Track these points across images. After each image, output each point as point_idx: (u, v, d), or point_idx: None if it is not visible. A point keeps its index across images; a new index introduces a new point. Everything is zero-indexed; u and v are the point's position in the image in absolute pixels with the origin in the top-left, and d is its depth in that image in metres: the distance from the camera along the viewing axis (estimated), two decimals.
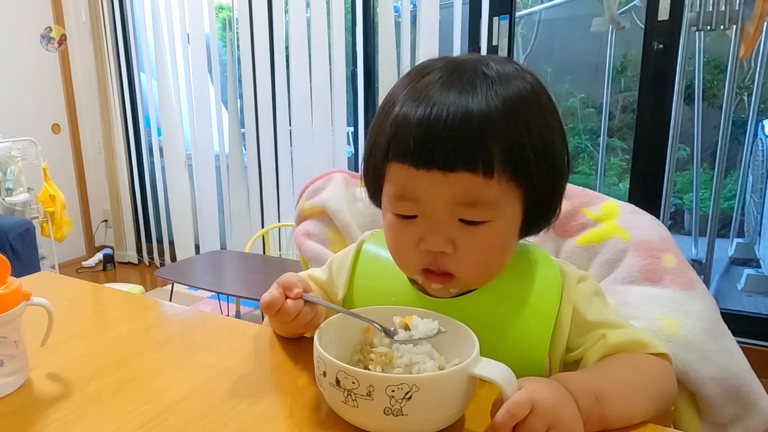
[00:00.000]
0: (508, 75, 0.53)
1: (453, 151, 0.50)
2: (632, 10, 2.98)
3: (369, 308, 0.59)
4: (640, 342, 0.56)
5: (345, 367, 0.47)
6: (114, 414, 0.53)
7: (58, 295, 0.85)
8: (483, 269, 0.57)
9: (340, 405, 0.49)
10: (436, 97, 0.51)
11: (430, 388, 0.46)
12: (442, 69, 0.54)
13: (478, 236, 0.53)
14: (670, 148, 2.00)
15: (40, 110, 3.37)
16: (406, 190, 0.54)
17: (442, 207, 0.53)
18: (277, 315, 0.58)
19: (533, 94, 0.54)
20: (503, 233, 0.55)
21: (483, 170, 0.50)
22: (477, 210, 0.52)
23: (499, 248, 0.56)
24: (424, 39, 2.30)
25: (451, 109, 0.50)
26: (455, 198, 0.52)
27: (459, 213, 0.53)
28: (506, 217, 0.54)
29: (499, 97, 0.51)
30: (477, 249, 0.54)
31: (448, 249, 0.54)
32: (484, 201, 0.52)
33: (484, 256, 0.55)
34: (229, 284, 2.24)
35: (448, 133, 0.49)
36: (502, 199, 0.53)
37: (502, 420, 0.44)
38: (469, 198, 0.51)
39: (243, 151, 2.99)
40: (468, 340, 0.51)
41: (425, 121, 0.50)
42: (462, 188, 0.51)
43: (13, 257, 2.27)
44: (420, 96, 0.52)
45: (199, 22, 2.95)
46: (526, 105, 0.53)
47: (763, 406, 0.68)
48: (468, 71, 0.53)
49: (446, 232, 0.53)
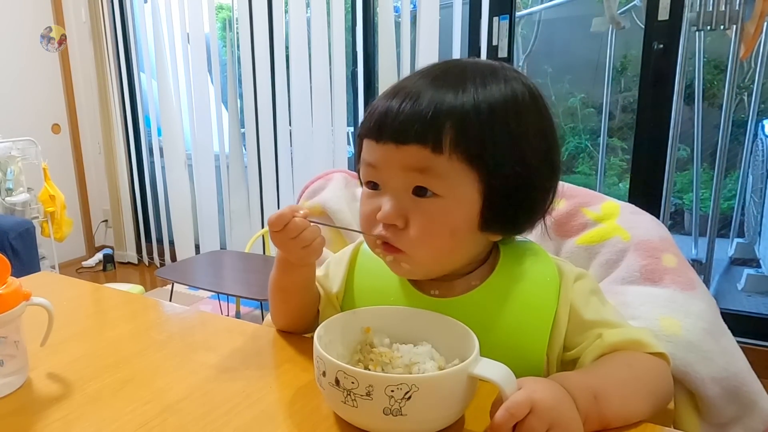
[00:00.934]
0: (485, 72, 0.56)
1: (405, 126, 0.54)
2: (632, 10, 2.98)
3: (369, 308, 0.59)
4: (636, 341, 0.56)
5: (344, 367, 0.47)
6: (114, 414, 0.53)
7: (58, 295, 0.85)
8: (430, 247, 0.56)
9: (340, 405, 0.48)
10: (407, 89, 0.55)
11: (430, 388, 0.46)
12: (429, 68, 0.58)
13: (427, 211, 0.55)
14: (670, 148, 2.00)
15: (40, 110, 3.37)
16: (368, 158, 0.58)
17: (397, 173, 0.56)
18: (284, 230, 0.57)
19: (514, 97, 0.55)
20: (454, 213, 0.55)
21: (432, 145, 0.53)
22: (427, 177, 0.54)
23: (447, 228, 0.56)
24: (424, 39, 2.30)
25: (413, 91, 0.54)
26: (407, 164, 0.55)
27: (413, 180, 0.55)
28: (458, 198, 0.55)
29: (471, 92, 0.54)
30: (425, 225, 0.55)
31: (399, 222, 0.56)
32: (433, 170, 0.54)
33: (432, 233, 0.56)
34: (229, 284, 2.24)
35: (402, 112, 0.54)
36: (453, 175, 0.54)
37: (501, 420, 0.44)
38: (419, 164, 0.54)
39: (243, 151, 2.99)
40: (468, 341, 0.52)
41: (388, 102, 0.56)
42: (412, 157, 0.54)
43: (13, 257, 2.27)
44: (394, 90, 0.57)
45: (199, 22, 2.95)
46: (500, 103, 0.54)
47: (763, 406, 0.68)
48: (448, 69, 0.57)
49: (400, 204, 0.56)
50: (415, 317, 0.58)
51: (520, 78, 0.57)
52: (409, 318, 0.58)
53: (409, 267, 0.59)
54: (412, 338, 0.56)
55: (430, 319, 0.57)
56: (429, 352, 0.53)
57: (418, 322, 0.57)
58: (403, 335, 0.57)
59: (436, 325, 0.56)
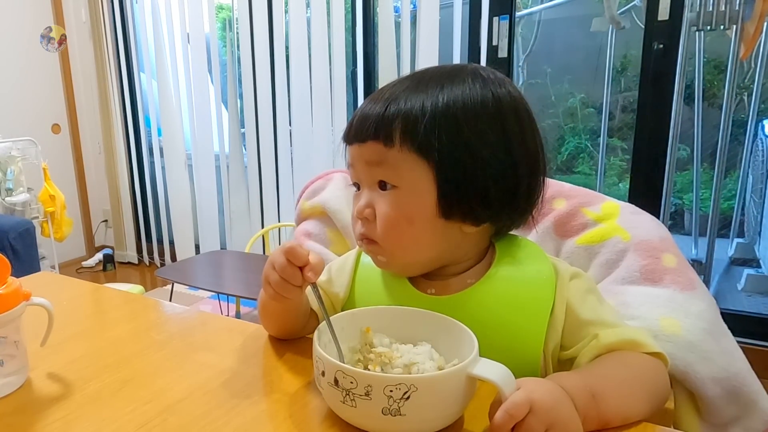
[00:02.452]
0: (445, 75, 0.60)
1: (364, 126, 0.60)
2: (632, 10, 2.98)
3: (368, 308, 0.59)
4: (633, 341, 0.56)
5: (343, 367, 0.47)
6: (114, 414, 0.53)
7: (58, 295, 0.85)
8: (393, 236, 0.60)
9: (339, 405, 0.49)
10: (380, 95, 0.61)
11: (429, 388, 0.46)
12: (407, 76, 0.64)
13: (387, 201, 0.60)
14: (670, 148, 2.00)
15: (40, 110, 3.37)
16: (348, 160, 0.65)
17: (363, 170, 0.62)
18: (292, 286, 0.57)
19: (465, 92, 0.58)
20: (409, 202, 0.59)
21: (384, 139, 0.59)
22: (384, 170, 0.60)
23: (404, 216, 0.59)
24: (424, 39, 2.30)
25: (379, 97, 0.61)
26: (367, 158, 0.61)
27: (374, 174, 0.61)
28: (412, 188, 0.59)
29: (426, 90, 0.59)
30: (386, 214, 0.60)
31: (369, 215, 0.61)
32: (387, 162, 0.59)
33: (391, 222, 0.59)
34: (229, 284, 2.24)
35: (367, 118, 0.60)
36: (405, 166, 0.58)
37: (500, 421, 0.44)
38: (376, 157, 0.60)
39: (243, 151, 2.99)
40: (467, 341, 0.52)
41: (360, 111, 0.62)
42: (370, 152, 0.60)
43: (13, 257, 2.28)
44: (372, 97, 0.63)
45: (199, 22, 2.95)
46: (451, 100, 0.58)
47: (763, 406, 0.68)
48: (415, 75, 0.62)
49: (369, 197, 0.61)
50: (415, 317, 0.58)
51: (490, 81, 0.60)
52: (408, 318, 0.58)
53: (384, 259, 0.63)
54: (411, 338, 0.56)
55: (429, 319, 0.57)
56: (428, 352, 0.53)
57: (417, 323, 0.57)
58: (402, 335, 0.57)
59: (436, 326, 0.56)
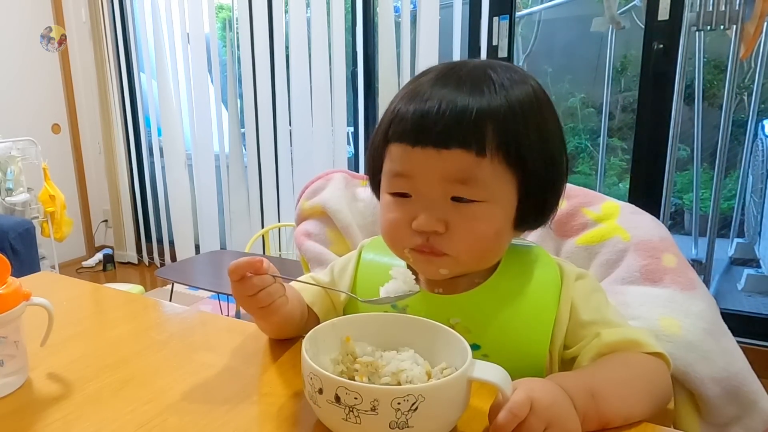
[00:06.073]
0: (513, 79, 0.56)
1: (447, 129, 0.52)
2: (632, 10, 2.98)
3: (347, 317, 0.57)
4: (634, 341, 0.56)
5: (346, 383, 0.44)
6: (114, 414, 0.53)
7: (58, 295, 0.85)
8: (476, 248, 0.56)
9: (340, 423, 0.46)
10: (430, 92, 0.54)
11: (436, 396, 0.45)
12: (436, 70, 0.58)
13: (472, 215, 0.55)
14: (670, 148, 1.99)
15: (40, 110, 3.37)
16: (402, 166, 0.56)
17: (436, 184, 0.54)
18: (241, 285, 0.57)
19: (534, 95, 0.56)
20: (497, 216, 0.56)
21: (476, 148, 0.52)
22: (469, 188, 0.54)
23: (493, 230, 0.56)
24: (424, 39, 2.29)
25: (447, 98, 0.53)
26: (448, 174, 0.53)
27: (451, 191, 0.54)
28: (499, 201, 0.55)
29: (499, 93, 0.54)
30: (471, 228, 0.55)
31: (440, 228, 0.55)
32: (476, 179, 0.53)
33: (479, 234, 0.55)
34: (228, 284, 2.23)
35: (442, 116, 0.52)
36: (495, 180, 0.54)
37: (504, 421, 0.44)
38: (461, 175, 0.53)
39: (243, 151, 2.99)
40: (452, 342, 0.51)
41: (420, 108, 0.54)
42: (454, 165, 0.53)
43: (13, 257, 2.27)
44: (415, 93, 0.55)
45: (199, 22, 2.95)
46: (527, 102, 0.55)
47: (763, 406, 0.68)
48: (466, 72, 0.56)
49: (439, 212, 0.55)
50: (394, 323, 0.56)
51: (534, 80, 0.58)
52: (387, 324, 0.56)
53: (447, 270, 0.58)
54: (392, 344, 0.54)
55: (408, 323, 0.55)
56: (413, 357, 0.51)
57: (397, 328, 0.55)
58: (383, 342, 0.54)
59: (416, 329, 0.54)
